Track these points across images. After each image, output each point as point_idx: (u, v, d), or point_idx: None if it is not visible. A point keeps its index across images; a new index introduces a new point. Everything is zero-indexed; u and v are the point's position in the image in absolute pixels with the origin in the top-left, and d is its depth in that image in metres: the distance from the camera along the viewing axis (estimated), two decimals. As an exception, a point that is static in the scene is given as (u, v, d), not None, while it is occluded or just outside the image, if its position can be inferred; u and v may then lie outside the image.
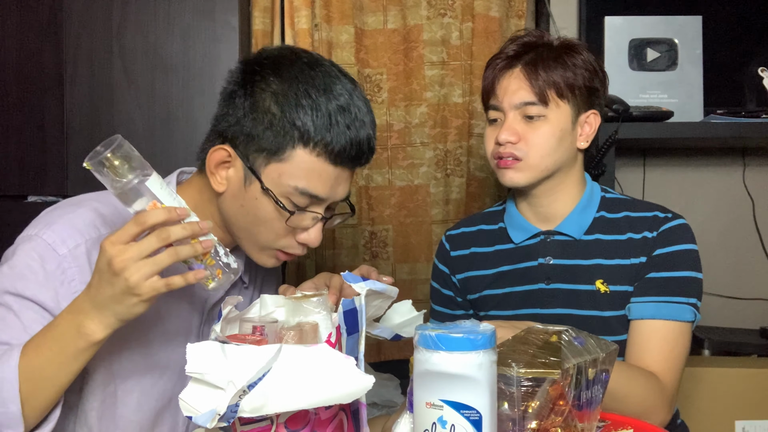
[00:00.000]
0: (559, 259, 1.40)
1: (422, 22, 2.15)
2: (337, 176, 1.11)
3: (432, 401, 0.78)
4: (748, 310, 2.28)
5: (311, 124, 1.06)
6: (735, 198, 2.31)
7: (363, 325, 0.96)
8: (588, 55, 1.39)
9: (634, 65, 1.98)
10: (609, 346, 0.95)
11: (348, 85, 1.12)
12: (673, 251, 1.35)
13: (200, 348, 0.83)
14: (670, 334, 1.30)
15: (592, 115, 1.40)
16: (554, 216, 1.41)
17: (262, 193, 1.09)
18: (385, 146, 2.17)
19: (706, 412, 1.80)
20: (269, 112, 1.07)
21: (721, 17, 2.18)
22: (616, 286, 1.35)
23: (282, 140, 1.07)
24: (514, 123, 1.35)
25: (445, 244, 1.54)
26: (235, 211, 1.13)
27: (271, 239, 1.13)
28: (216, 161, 1.11)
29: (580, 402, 0.88)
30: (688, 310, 1.32)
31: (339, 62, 2.13)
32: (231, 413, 0.80)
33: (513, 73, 1.37)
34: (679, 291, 1.32)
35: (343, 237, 2.15)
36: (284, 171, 1.08)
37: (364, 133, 1.10)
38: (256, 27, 2.13)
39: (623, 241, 1.38)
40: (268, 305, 1.05)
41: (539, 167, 1.35)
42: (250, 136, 1.08)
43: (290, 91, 1.07)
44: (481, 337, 0.77)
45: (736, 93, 2.18)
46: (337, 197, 1.14)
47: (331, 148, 1.07)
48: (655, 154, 2.32)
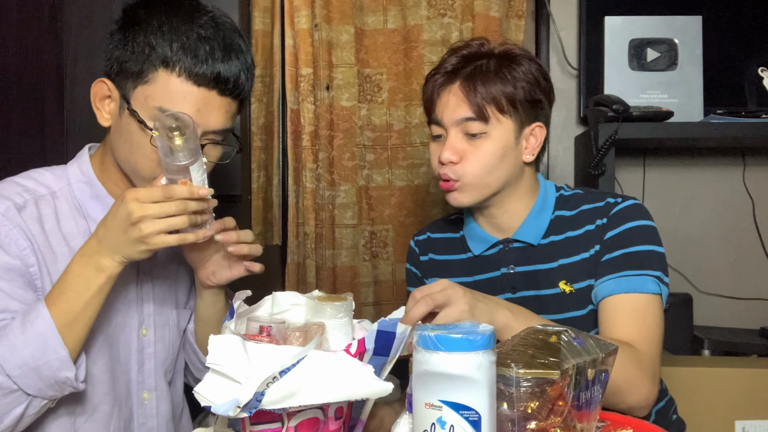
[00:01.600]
0: (522, 266, 1.39)
1: (422, 22, 2.15)
2: (204, 100, 1.15)
3: (431, 402, 0.78)
4: (748, 310, 2.28)
5: (169, 47, 1.14)
6: (735, 198, 2.31)
7: (396, 353, 0.96)
8: (530, 65, 1.36)
9: (634, 65, 1.98)
10: (609, 346, 0.95)
11: (220, 22, 1.18)
12: (624, 229, 1.32)
13: (222, 341, 0.84)
14: (637, 305, 1.26)
15: (537, 127, 1.37)
16: (509, 225, 1.41)
17: (129, 116, 1.16)
18: (385, 146, 2.17)
19: (706, 412, 1.80)
20: (133, 40, 1.16)
21: (721, 17, 2.18)
22: (578, 283, 1.34)
23: (144, 64, 1.15)
24: (456, 141, 1.34)
25: (414, 249, 1.55)
26: (117, 143, 1.21)
27: (149, 167, 1.18)
28: (98, 96, 1.21)
29: (579, 402, 0.88)
30: (650, 280, 1.27)
31: (339, 62, 2.14)
32: (256, 402, 0.80)
33: (452, 89, 1.34)
34: (638, 264, 1.29)
35: (343, 237, 2.15)
36: (149, 93, 1.15)
37: (229, 62, 1.16)
38: (256, 27, 2.13)
39: (581, 236, 1.36)
40: (280, 303, 1.04)
41: (480, 185, 1.34)
42: (120, 66, 1.17)
43: (153, 19, 1.16)
44: (480, 338, 0.77)
45: (736, 93, 2.18)
46: (210, 125, 1.17)
47: (190, 70, 1.14)
48: (655, 154, 2.32)
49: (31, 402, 1.08)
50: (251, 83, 1.23)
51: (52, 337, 1.07)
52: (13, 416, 1.07)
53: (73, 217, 1.23)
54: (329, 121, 2.13)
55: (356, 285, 2.13)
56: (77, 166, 1.27)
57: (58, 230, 1.21)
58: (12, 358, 1.06)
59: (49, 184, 1.24)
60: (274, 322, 0.96)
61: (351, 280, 2.14)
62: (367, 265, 2.17)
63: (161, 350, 1.32)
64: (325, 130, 2.12)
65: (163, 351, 1.32)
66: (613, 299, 1.28)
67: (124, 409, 1.26)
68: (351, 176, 2.14)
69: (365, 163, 2.17)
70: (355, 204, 2.14)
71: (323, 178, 2.12)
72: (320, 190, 2.12)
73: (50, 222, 1.20)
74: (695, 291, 2.24)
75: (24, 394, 1.07)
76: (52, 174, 1.26)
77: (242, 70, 1.19)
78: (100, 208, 1.23)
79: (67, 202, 1.24)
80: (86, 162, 1.27)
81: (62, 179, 1.25)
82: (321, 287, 2.05)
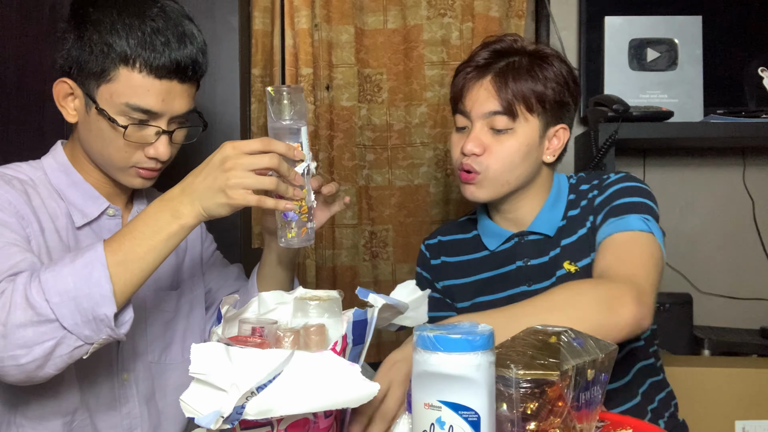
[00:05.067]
0: (536, 258, 1.39)
1: (422, 22, 2.15)
2: (167, 91, 1.21)
3: (430, 402, 0.78)
4: (748, 310, 2.27)
5: (126, 44, 1.18)
6: (735, 198, 2.31)
7: (369, 337, 0.96)
8: (561, 66, 1.36)
9: (634, 65, 1.98)
10: (608, 346, 0.95)
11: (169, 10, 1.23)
12: (612, 191, 1.33)
13: (204, 349, 0.82)
14: (628, 241, 1.23)
15: (561, 129, 1.38)
16: (524, 219, 1.41)
17: (98, 114, 1.20)
18: (385, 146, 2.17)
19: (706, 412, 1.80)
20: (90, 40, 1.19)
21: (721, 17, 2.18)
22: (582, 261, 1.34)
23: (104, 63, 1.19)
24: (481, 134, 1.34)
25: (425, 253, 1.54)
26: (88, 138, 1.25)
27: (122, 158, 1.24)
28: (61, 94, 1.25)
29: (579, 403, 0.88)
30: (634, 218, 1.25)
31: (339, 62, 2.14)
32: (236, 415, 0.79)
33: (483, 83, 1.34)
34: (627, 210, 1.28)
35: (343, 237, 2.15)
36: (114, 90, 1.19)
37: (185, 49, 1.21)
38: (256, 27, 2.13)
39: (578, 215, 1.37)
40: (267, 303, 1.04)
41: (499, 182, 1.34)
42: (80, 65, 1.21)
43: (105, 18, 1.19)
44: (480, 338, 0.77)
45: (736, 93, 2.18)
46: (176, 111, 1.23)
47: (150, 64, 1.18)
48: (655, 154, 2.32)
49: (65, 338, 1.03)
50: (207, 61, 1.28)
51: (99, 268, 1.04)
52: (43, 348, 1.02)
53: (54, 200, 1.27)
54: (329, 121, 2.13)
55: (356, 285, 2.13)
56: (52, 158, 1.32)
57: (43, 207, 1.24)
58: (55, 284, 1.02)
59: (27, 172, 1.28)
60: (266, 323, 0.96)
61: (351, 280, 2.14)
62: (367, 265, 2.17)
63: (138, 333, 1.32)
64: (325, 130, 2.12)
65: (138, 333, 1.33)
66: (605, 241, 1.25)
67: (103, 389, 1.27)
68: (351, 176, 2.14)
69: (365, 163, 2.17)
70: (355, 204, 2.14)
71: (323, 178, 2.12)
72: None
73: (36, 200, 1.24)
74: (695, 291, 2.24)
75: (59, 326, 1.02)
76: (28, 165, 1.31)
77: (198, 54, 1.24)
78: (78, 194, 1.29)
79: (46, 188, 1.28)
80: (61, 153, 1.32)
81: (38, 170, 1.30)
82: (321, 287, 2.05)
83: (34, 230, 1.20)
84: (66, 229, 1.26)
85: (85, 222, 1.28)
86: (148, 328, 1.35)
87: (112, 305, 1.04)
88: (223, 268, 1.52)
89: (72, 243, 1.26)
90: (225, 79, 1.99)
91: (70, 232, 1.27)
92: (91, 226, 1.30)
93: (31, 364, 1.03)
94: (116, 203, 1.34)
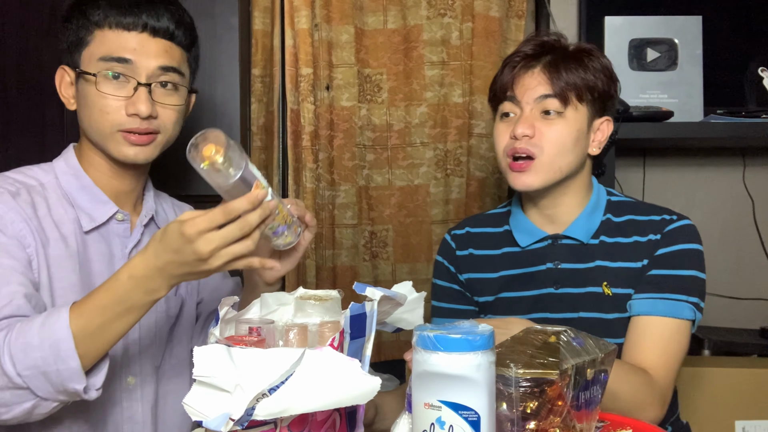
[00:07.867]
0: (567, 263, 1.39)
1: (422, 22, 2.15)
2: (139, 42, 1.26)
3: (430, 402, 0.78)
4: (748, 310, 2.28)
5: (98, 9, 1.26)
6: (735, 198, 2.31)
7: (372, 330, 0.96)
8: (606, 60, 1.38)
9: (634, 65, 1.98)
10: (608, 346, 0.95)
11: None
12: (674, 250, 1.34)
13: (207, 351, 0.82)
14: (666, 331, 1.29)
15: (606, 121, 1.39)
16: (562, 220, 1.40)
17: (82, 81, 1.27)
18: (385, 146, 2.17)
19: (706, 412, 1.80)
20: (74, 19, 1.29)
21: (721, 17, 2.18)
22: (618, 288, 1.35)
23: (81, 31, 1.28)
24: (531, 117, 1.33)
25: (450, 243, 1.51)
26: (82, 116, 1.30)
27: (106, 121, 1.26)
28: (61, 84, 1.32)
29: (578, 402, 0.88)
30: (686, 307, 1.30)
31: (339, 62, 2.14)
32: (247, 416, 0.79)
33: (534, 72, 1.35)
34: (679, 288, 1.31)
35: (343, 237, 2.15)
36: (92, 51, 1.27)
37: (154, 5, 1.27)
38: (256, 27, 2.13)
39: (629, 244, 1.37)
40: (269, 304, 1.04)
41: (553, 167, 1.33)
42: (68, 46, 1.30)
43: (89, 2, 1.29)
44: (480, 338, 0.77)
45: (736, 93, 2.18)
46: (151, 62, 1.27)
47: (119, 21, 1.26)
48: (655, 154, 2.32)
49: (41, 401, 1.07)
50: (185, 21, 1.32)
51: (65, 347, 1.05)
52: (22, 408, 1.07)
53: (62, 206, 1.28)
54: (329, 121, 2.13)
55: (356, 285, 2.13)
56: (63, 161, 1.34)
57: (49, 216, 1.26)
58: (25, 357, 1.05)
59: (38, 177, 1.31)
60: (264, 322, 0.96)
61: (351, 280, 2.13)
62: (367, 265, 2.17)
63: (146, 336, 1.33)
64: (325, 130, 2.12)
65: (148, 337, 1.33)
66: (645, 320, 1.30)
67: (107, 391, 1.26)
68: (351, 176, 2.14)
69: (365, 163, 2.17)
70: (355, 204, 2.14)
71: (323, 178, 2.12)
72: (320, 190, 2.12)
73: (42, 209, 1.25)
74: (695, 291, 2.24)
75: (32, 394, 1.06)
76: (40, 169, 1.33)
77: (168, 9, 1.29)
78: (88, 198, 1.31)
79: (55, 193, 1.30)
80: (72, 156, 1.34)
81: (50, 173, 1.32)
82: (321, 287, 2.05)
83: (37, 248, 1.21)
84: (74, 234, 1.27)
85: (93, 226, 1.29)
86: (157, 333, 1.36)
87: (81, 379, 1.07)
88: (220, 281, 1.51)
89: (81, 248, 1.27)
90: (225, 79, 1.99)
91: (79, 236, 1.28)
92: (99, 230, 1.31)
93: (13, 420, 1.09)
94: (124, 205, 1.35)
